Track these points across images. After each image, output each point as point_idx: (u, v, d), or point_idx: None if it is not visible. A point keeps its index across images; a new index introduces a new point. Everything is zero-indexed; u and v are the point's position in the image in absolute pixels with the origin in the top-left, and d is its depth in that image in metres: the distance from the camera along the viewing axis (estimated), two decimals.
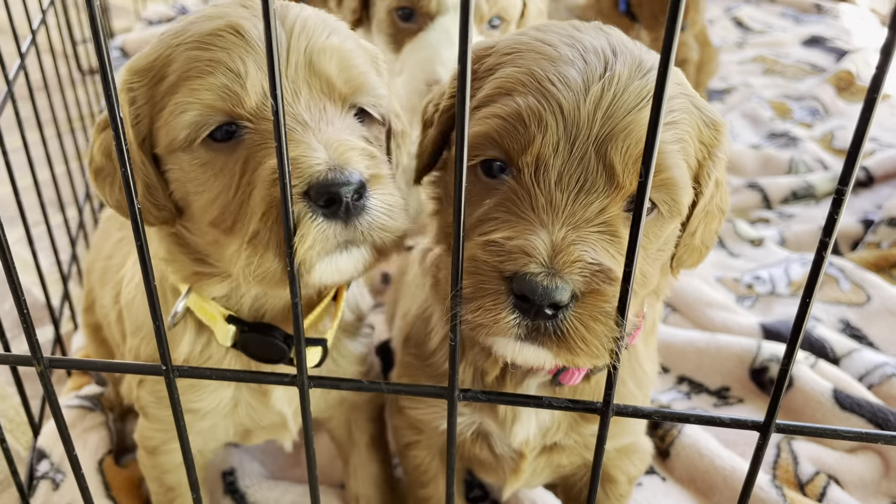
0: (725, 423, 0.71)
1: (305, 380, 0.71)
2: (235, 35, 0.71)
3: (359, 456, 1.14)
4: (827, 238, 0.59)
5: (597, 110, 0.68)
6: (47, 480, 1.12)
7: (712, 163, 0.75)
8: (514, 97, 0.70)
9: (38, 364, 0.73)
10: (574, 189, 0.68)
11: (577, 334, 0.65)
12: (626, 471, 0.98)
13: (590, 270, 0.65)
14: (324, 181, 0.65)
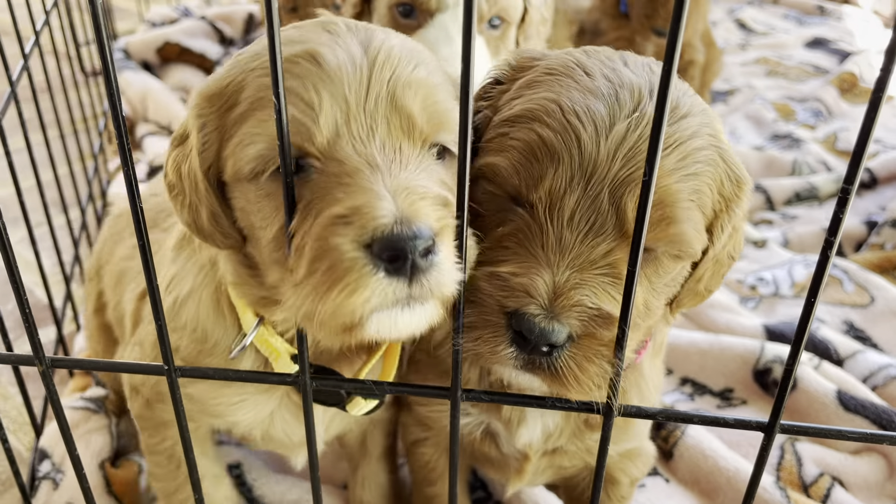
0: (729, 423, 0.70)
1: (308, 379, 0.71)
2: (312, 63, 0.66)
3: (369, 466, 1.13)
4: (832, 237, 0.59)
5: (618, 150, 0.67)
6: (48, 481, 1.12)
7: (728, 216, 0.74)
8: (535, 127, 0.70)
9: (41, 364, 0.73)
10: (584, 229, 0.68)
11: (571, 373, 0.67)
12: (629, 473, 0.99)
13: (588, 314, 0.66)
14: (388, 235, 0.59)
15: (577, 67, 0.73)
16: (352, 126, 0.65)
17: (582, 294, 0.66)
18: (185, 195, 0.75)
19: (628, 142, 0.67)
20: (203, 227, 0.74)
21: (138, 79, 2.26)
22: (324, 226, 0.61)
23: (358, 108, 0.65)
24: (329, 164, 0.64)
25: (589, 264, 0.67)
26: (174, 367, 0.72)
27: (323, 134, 0.64)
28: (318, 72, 0.65)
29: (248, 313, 0.82)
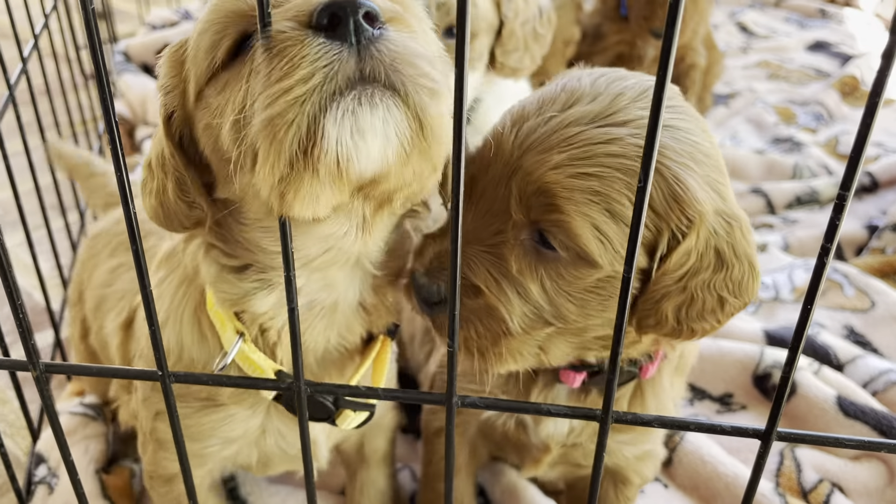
0: (726, 430, 0.70)
1: (302, 385, 0.71)
2: None
3: (368, 472, 1.12)
4: (829, 244, 0.58)
5: (523, 142, 0.74)
6: (44, 485, 1.12)
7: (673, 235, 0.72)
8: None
9: (35, 369, 0.72)
10: (484, 209, 0.76)
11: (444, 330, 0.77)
12: (642, 474, 1.01)
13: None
14: (325, 2, 0.53)
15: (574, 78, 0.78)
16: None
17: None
18: (152, 179, 0.74)
19: (532, 136, 0.73)
20: (169, 205, 0.72)
21: (138, 82, 2.26)
22: (273, 31, 0.55)
23: None
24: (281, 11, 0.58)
25: (477, 241, 0.75)
26: (168, 373, 0.71)
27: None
28: None
29: (227, 330, 0.80)
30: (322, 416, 0.82)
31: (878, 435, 1.23)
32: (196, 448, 0.87)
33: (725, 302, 0.75)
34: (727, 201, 0.75)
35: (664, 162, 0.71)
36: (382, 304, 0.83)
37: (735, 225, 0.74)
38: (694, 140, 0.74)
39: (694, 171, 0.73)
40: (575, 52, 2.16)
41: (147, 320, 0.68)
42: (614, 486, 1.01)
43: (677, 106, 0.76)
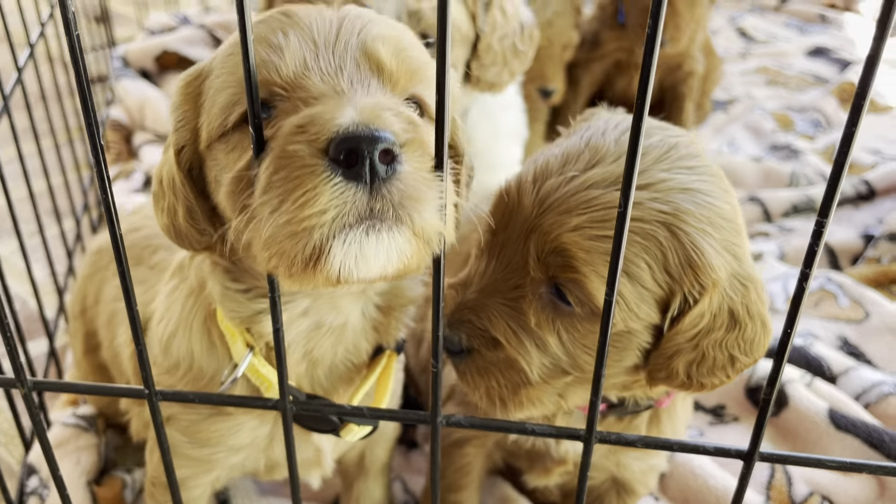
0: (709, 451, 0.70)
1: (287, 405, 0.71)
2: (285, 17, 0.67)
3: (365, 482, 1.12)
4: (808, 269, 0.59)
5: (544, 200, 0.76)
6: (35, 496, 1.12)
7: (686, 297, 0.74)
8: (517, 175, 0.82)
9: (22, 386, 0.72)
10: (503, 262, 0.78)
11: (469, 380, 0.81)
12: (647, 484, 1.04)
13: (476, 333, 0.79)
14: (344, 133, 0.55)
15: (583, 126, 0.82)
16: (320, 62, 0.63)
17: (474, 314, 0.79)
18: (164, 198, 0.75)
19: (553, 196, 0.75)
20: (180, 228, 0.74)
21: (136, 87, 2.27)
22: (283, 136, 0.58)
23: (326, 49, 0.64)
24: (295, 91, 0.62)
25: (498, 293, 0.78)
26: (155, 392, 0.72)
27: (289, 66, 0.63)
28: (288, 21, 0.66)
29: (237, 342, 0.81)
30: (327, 428, 0.82)
31: (868, 448, 1.23)
32: (204, 454, 0.88)
33: (736, 360, 0.77)
34: (743, 263, 0.76)
35: (683, 227, 0.73)
36: (390, 322, 0.84)
37: (750, 287, 0.76)
38: (714, 203, 0.75)
39: (711, 237, 0.74)
40: (573, 58, 2.16)
41: (133, 338, 0.68)
42: (618, 495, 1.04)
43: (699, 167, 0.77)
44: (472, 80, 1.37)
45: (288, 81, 0.63)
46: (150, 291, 0.97)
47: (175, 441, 0.87)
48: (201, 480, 0.92)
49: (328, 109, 0.58)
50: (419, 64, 0.68)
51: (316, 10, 0.68)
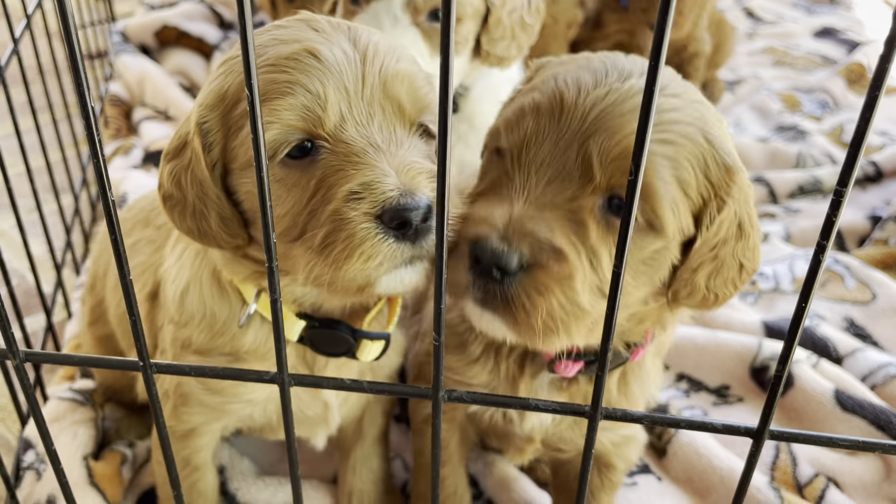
0: (718, 429, 0.68)
1: (286, 378, 0.69)
2: (313, 58, 0.74)
3: (363, 449, 1.13)
4: (825, 241, 0.57)
5: (592, 108, 0.72)
6: (32, 471, 1.11)
7: (719, 205, 0.75)
8: (530, 94, 0.77)
9: (14, 358, 0.71)
10: (550, 175, 0.73)
11: (520, 302, 0.71)
12: (626, 458, 1.01)
13: (539, 245, 0.70)
14: (396, 206, 0.70)
15: (583, 58, 0.80)
16: (353, 112, 0.74)
17: (535, 225, 0.71)
18: (185, 204, 0.81)
19: (604, 102, 0.72)
20: (209, 232, 0.81)
21: (136, 63, 2.24)
22: (340, 200, 0.71)
23: (356, 96, 0.75)
24: (338, 145, 0.74)
25: (551, 206, 0.72)
26: (149, 364, 0.70)
27: (331, 119, 0.74)
28: (320, 66, 0.74)
29: (248, 287, 0.87)
30: (343, 350, 0.88)
31: (875, 429, 1.22)
32: (217, 402, 0.94)
33: (744, 268, 0.80)
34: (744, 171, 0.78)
35: (713, 132, 0.75)
36: None
37: (749, 194, 0.78)
38: (716, 113, 0.78)
39: (729, 140, 0.77)
40: (576, 36, 2.13)
41: (128, 311, 0.67)
42: (598, 471, 1.01)
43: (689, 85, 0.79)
44: (482, 54, 1.37)
45: (330, 133, 0.74)
46: (158, 252, 1.02)
47: (191, 388, 0.93)
48: (212, 427, 0.98)
49: (376, 178, 0.71)
50: (426, 99, 0.79)
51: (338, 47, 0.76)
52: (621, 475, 1.03)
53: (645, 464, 1.23)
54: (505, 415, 0.96)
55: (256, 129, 0.56)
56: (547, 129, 0.74)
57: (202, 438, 1.00)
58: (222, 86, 0.78)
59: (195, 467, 1.03)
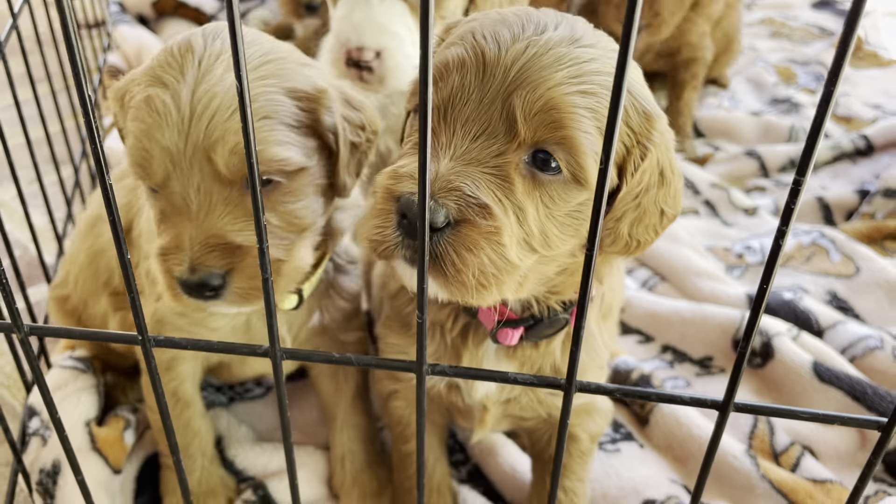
0: (686, 401, 0.72)
1: (278, 352, 0.73)
2: (153, 111, 0.82)
3: (343, 408, 1.19)
4: (784, 227, 0.60)
5: (513, 64, 0.73)
6: (37, 437, 1.15)
7: (641, 152, 0.76)
8: (450, 48, 0.77)
9: (19, 332, 0.75)
10: (476, 131, 0.73)
11: (449, 259, 0.71)
12: (588, 428, 1.03)
13: (465, 201, 0.71)
14: (182, 280, 0.84)
15: (496, 13, 0.80)
16: (176, 170, 0.83)
17: (462, 182, 0.71)
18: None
19: (525, 56, 0.72)
20: None
21: (133, 33, 2.25)
22: (154, 255, 0.85)
23: (179, 154, 0.82)
24: (163, 193, 0.85)
25: (477, 162, 0.73)
26: (148, 338, 0.74)
27: (157, 175, 0.83)
28: (153, 121, 0.82)
29: None
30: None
31: (851, 400, 1.26)
32: (185, 324, 1.04)
33: (665, 214, 0.81)
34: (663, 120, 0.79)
35: (631, 83, 0.76)
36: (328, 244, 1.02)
37: (669, 142, 0.79)
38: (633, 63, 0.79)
39: (646, 87, 0.79)
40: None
41: (126, 288, 0.70)
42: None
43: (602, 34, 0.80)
44: None
45: (158, 185, 0.85)
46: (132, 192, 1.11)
47: (164, 313, 1.04)
48: (188, 354, 1.09)
49: (178, 246, 0.86)
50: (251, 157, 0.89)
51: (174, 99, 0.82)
52: (589, 444, 1.05)
53: (628, 432, 1.27)
54: (451, 386, 0.98)
55: None
56: (471, 85, 0.73)
57: (182, 365, 1.09)
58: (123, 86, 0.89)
59: (185, 403, 1.11)
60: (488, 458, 1.21)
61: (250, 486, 1.17)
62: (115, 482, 1.13)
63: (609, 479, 1.17)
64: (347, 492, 1.18)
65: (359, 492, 1.17)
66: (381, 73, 1.23)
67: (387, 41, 1.22)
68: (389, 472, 1.20)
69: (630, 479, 1.17)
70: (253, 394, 1.34)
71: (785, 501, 1.13)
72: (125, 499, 1.15)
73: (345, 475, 1.19)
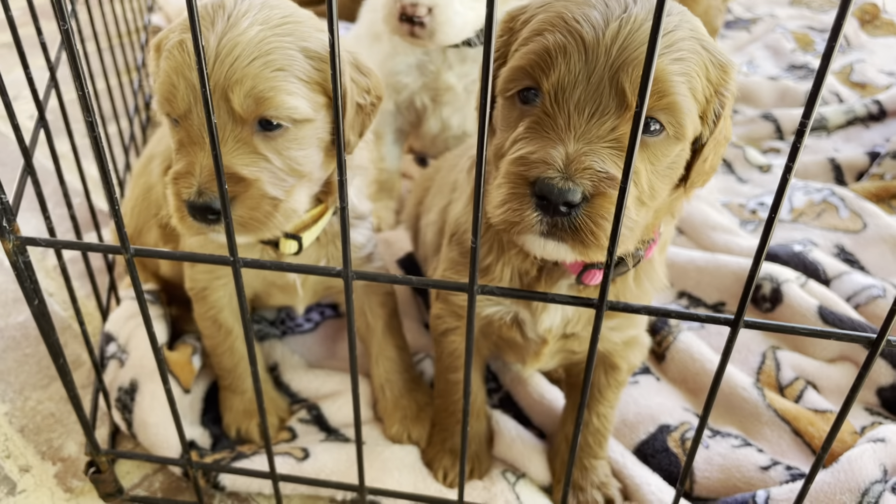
0: (702, 318, 0.83)
1: (350, 273, 0.84)
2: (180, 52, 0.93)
3: (377, 343, 1.31)
4: (791, 163, 0.71)
5: (613, 44, 0.80)
6: (115, 360, 1.29)
7: (719, 100, 0.87)
8: (545, 35, 0.83)
9: (126, 252, 0.86)
10: (590, 111, 0.81)
11: (588, 228, 0.80)
12: (629, 360, 1.13)
13: (598, 177, 0.80)
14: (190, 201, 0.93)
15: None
16: (197, 107, 0.93)
17: (591, 160, 0.80)
18: None
19: (621, 35, 0.80)
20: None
21: None
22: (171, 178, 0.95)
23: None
24: (183, 125, 0.95)
25: (597, 139, 0.81)
26: (238, 260, 0.85)
27: (179, 108, 0.93)
28: (183, 61, 0.92)
29: None
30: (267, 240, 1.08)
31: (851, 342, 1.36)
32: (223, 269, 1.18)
33: (727, 142, 0.92)
34: None
35: (705, 39, 0.85)
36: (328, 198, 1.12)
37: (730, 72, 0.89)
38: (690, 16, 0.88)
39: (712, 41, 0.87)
40: None
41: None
42: (605, 371, 1.15)
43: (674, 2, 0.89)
44: None
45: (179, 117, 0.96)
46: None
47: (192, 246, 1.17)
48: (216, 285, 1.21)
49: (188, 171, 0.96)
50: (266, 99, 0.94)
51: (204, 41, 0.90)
52: (626, 375, 1.16)
53: (646, 366, 1.39)
54: (515, 320, 1.08)
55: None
56: (577, 69, 0.81)
57: (215, 294, 1.21)
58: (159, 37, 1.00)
59: (227, 330, 1.24)
60: (518, 387, 1.33)
61: (304, 407, 1.30)
62: (185, 401, 1.27)
63: (627, 406, 1.29)
64: (390, 415, 1.30)
65: (400, 415, 1.30)
66: (431, 27, 1.34)
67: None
68: (427, 396, 1.32)
69: (647, 407, 1.29)
70: (303, 328, 1.47)
71: (788, 427, 1.24)
72: (194, 415, 1.28)
73: (386, 402, 1.31)
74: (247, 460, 1.17)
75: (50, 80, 1.10)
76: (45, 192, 1.08)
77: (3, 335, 1.47)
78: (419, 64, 1.58)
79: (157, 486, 1.23)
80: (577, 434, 0.92)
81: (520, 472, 1.22)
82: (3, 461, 1.25)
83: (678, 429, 1.25)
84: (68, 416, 1.32)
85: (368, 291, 1.29)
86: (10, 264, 0.93)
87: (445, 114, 1.64)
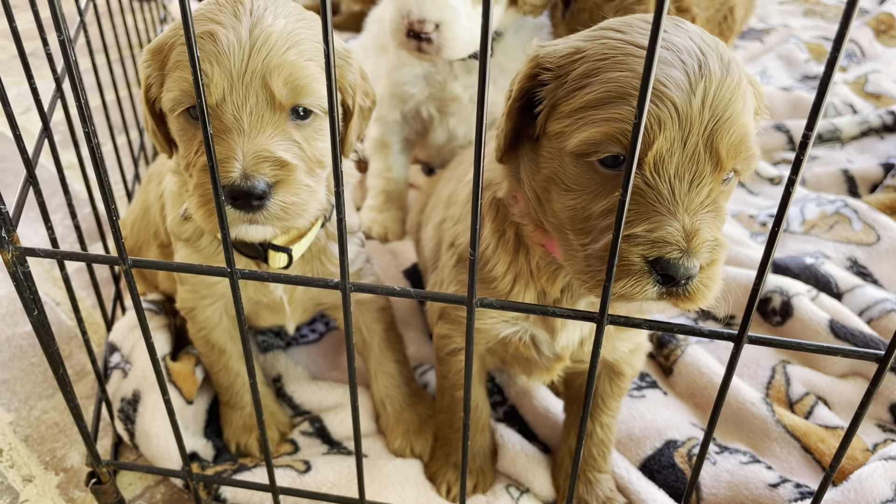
0: (704, 333, 0.82)
1: (347, 284, 0.84)
2: (213, 41, 0.91)
3: (375, 359, 1.31)
4: (794, 175, 0.69)
5: (703, 107, 0.81)
6: (118, 370, 1.28)
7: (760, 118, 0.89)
8: (628, 100, 0.82)
9: (124, 263, 0.86)
10: (689, 178, 0.82)
11: (701, 293, 0.84)
12: (634, 366, 1.14)
13: (709, 246, 0.82)
14: (232, 186, 0.90)
15: (627, 45, 0.85)
16: (233, 94, 0.92)
17: (703, 233, 0.82)
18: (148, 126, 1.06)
19: (708, 98, 0.80)
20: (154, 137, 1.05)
21: None
22: (201, 168, 0.94)
23: (238, 80, 0.92)
24: (215, 113, 0.92)
25: (700, 207, 0.82)
26: (235, 271, 0.85)
27: (213, 96, 0.91)
28: (216, 49, 0.91)
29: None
30: (255, 255, 1.09)
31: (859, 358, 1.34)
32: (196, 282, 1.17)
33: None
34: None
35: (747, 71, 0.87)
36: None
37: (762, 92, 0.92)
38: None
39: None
40: None
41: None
42: (610, 380, 1.15)
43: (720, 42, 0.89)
44: (519, 3, 1.46)
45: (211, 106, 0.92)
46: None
47: (186, 277, 1.18)
48: (204, 304, 1.19)
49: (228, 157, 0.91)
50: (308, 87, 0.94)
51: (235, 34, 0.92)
52: (629, 382, 1.16)
53: (653, 380, 1.37)
54: (533, 339, 1.07)
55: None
56: (673, 136, 0.81)
57: (202, 314, 1.20)
58: (162, 41, 0.97)
59: (220, 350, 1.23)
60: (524, 400, 1.32)
61: (307, 419, 1.29)
62: (188, 412, 1.26)
63: (634, 420, 1.28)
64: (392, 430, 1.29)
65: (402, 429, 1.29)
66: (439, 43, 1.33)
67: (445, 14, 1.32)
68: (429, 409, 1.31)
69: (653, 421, 1.27)
70: (308, 339, 1.47)
71: (798, 444, 1.22)
72: (197, 427, 1.28)
73: (388, 416, 1.30)
74: (249, 472, 1.17)
75: (55, 91, 1.11)
76: (54, 202, 1.08)
77: (10, 344, 1.47)
78: (426, 75, 1.58)
79: (158, 497, 1.22)
80: (581, 444, 0.91)
81: (524, 487, 1.20)
82: (7, 471, 1.25)
83: (685, 444, 1.23)
84: (72, 426, 1.32)
85: (362, 308, 1.29)
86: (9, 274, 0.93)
87: (451, 124, 1.64)
